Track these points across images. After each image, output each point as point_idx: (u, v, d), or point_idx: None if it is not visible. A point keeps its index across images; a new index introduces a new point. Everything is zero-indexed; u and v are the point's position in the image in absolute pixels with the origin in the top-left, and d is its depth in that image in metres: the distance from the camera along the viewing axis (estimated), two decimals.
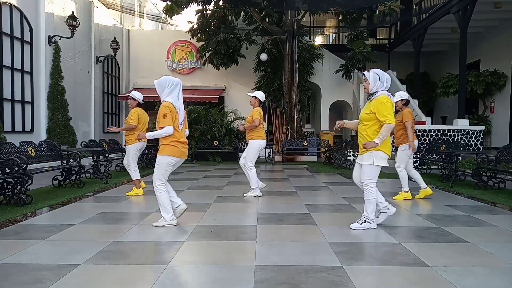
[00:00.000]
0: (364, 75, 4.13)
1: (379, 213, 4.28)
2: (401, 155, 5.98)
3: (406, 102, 6.05)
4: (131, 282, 2.74)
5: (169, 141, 4.10)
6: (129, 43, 17.78)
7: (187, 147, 4.29)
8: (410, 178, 6.14)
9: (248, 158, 6.23)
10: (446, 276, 2.84)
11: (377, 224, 4.23)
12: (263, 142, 6.32)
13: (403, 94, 6.07)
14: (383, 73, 4.07)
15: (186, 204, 4.39)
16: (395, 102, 5.89)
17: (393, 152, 5.49)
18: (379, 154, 4.01)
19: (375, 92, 4.05)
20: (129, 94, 6.36)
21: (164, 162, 4.11)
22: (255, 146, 6.25)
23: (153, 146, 11.93)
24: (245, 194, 6.26)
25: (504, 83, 14.11)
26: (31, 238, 3.75)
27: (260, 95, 6.41)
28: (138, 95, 6.31)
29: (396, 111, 5.83)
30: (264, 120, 6.37)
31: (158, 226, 4.23)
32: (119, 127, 15.19)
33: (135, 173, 6.33)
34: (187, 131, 4.46)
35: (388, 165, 4.14)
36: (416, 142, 5.94)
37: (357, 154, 4.54)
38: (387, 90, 4.11)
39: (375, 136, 4.00)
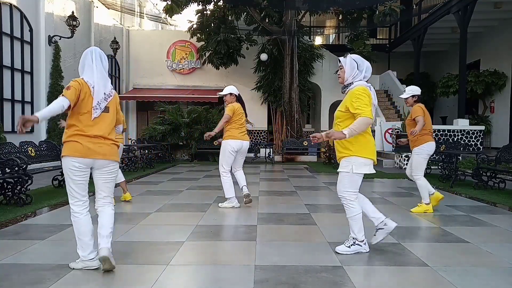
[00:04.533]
0: (339, 61, 3.32)
1: (376, 230, 3.44)
2: (417, 160, 5.09)
3: (418, 99, 5.23)
4: (131, 282, 2.74)
5: (68, 135, 2.88)
6: (129, 43, 17.77)
7: (102, 142, 2.94)
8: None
9: (219, 162, 5.43)
10: (446, 276, 2.84)
11: (373, 243, 3.45)
12: (235, 143, 5.27)
13: (414, 89, 5.24)
14: (363, 60, 3.33)
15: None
16: (405, 99, 5.25)
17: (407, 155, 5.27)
18: (358, 159, 3.18)
19: (350, 84, 3.26)
20: None
21: (65, 166, 2.92)
22: (225, 148, 5.33)
23: (153, 146, 11.97)
24: (220, 204, 5.42)
25: (504, 83, 14.11)
26: (31, 238, 3.76)
27: (227, 89, 5.43)
28: None
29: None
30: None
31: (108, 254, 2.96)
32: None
33: (120, 175, 5.62)
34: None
35: (374, 171, 3.30)
36: (433, 144, 5.14)
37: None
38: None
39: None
